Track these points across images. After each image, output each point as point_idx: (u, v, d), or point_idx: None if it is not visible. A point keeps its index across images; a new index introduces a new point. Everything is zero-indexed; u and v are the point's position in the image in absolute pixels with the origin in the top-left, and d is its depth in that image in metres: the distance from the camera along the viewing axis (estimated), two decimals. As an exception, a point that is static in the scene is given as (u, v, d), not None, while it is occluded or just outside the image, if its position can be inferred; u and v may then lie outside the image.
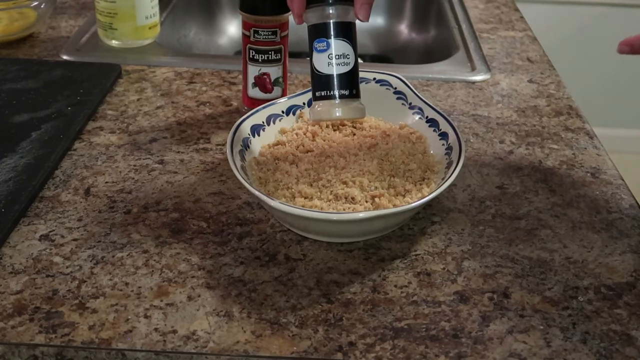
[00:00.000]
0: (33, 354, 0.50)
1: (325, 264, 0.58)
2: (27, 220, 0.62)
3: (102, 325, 0.51)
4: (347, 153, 0.66)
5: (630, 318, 0.54)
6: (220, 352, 0.49)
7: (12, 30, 0.94)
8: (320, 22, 0.61)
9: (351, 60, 0.61)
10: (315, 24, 0.61)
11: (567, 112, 0.84)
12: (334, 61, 0.60)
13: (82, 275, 0.56)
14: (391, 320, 0.53)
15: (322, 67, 0.61)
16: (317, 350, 0.50)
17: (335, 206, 0.60)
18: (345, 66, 0.61)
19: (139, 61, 0.91)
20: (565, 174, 0.72)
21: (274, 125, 0.70)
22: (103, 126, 0.77)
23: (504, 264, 0.59)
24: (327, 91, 0.61)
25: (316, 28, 0.61)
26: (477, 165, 0.73)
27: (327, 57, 0.60)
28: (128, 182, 0.67)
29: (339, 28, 0.60)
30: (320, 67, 0.61)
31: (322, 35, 0.60)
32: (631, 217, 0.66)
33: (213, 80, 0.88)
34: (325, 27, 0.60)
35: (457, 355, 0.50)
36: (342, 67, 0.60)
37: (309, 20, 0.61)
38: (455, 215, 0.65)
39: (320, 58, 0.61)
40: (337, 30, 0.60)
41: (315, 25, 0.61)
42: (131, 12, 0.92)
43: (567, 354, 0.51)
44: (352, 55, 0.61)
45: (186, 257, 0.58)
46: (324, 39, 0.60)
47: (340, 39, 0.60)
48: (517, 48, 1.01)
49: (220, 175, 0.69)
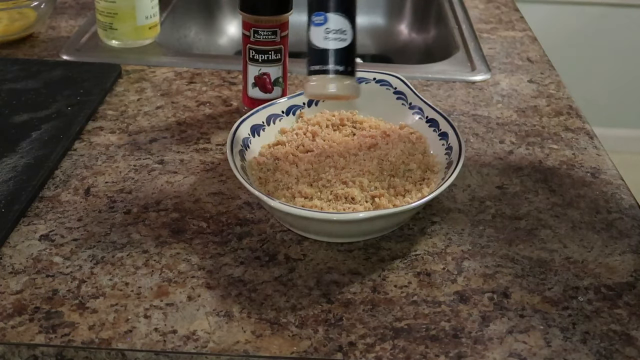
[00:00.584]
0: (33, 354, 0.50)
1: (325, 264, 0.58)
2: (27, 220, 0.62)
3: (102, 325, 0.51)
4: (347, 153, 0.66)
5: (630, 318, 0.54)
6: (220, 352, 0.49)
7: (12, 30, 0.94)
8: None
9: (348, 36, 0.59)
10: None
11: (567, 112, 0.84)
12: (330, 35, 0.59)
13: (82, 275, 0.56)
14: (391, 320, 0.53)
15: (318, 41, 0.59)
16: (317, 350, 0.50)
17: (335, 206, 0.60)
18: (341, 42, 0.59)
19: (139, 61, 0.91)
20: (565, 174, 0.72)
21: (274, 125, 0.70)
22: (103, 126, 0.77)
23: (504, 264, 0.59)
24: (321, 65, 0.59)
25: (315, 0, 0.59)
26: (477, 165, 0.73)
27: (323, 31, 0.59)
28: (128, 182, 0.67)
29: (339, 2, 0.59)
30: (317, 40, 0.59)
31: (320, 9, 0.59)
32: (631, 217, 0.66)
33: (213, 80, 0.88)
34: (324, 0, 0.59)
35: (457, 355, 0.50)
36: (339, 42, 0.59)
37: None
38: (455, 215, 0.65)
39: (316, 31, 0.59)
40: (336, 4, 0.59)
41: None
42: (131, 12, 0.92)
43: (567, 354, 0.51)
44: (350, 32, 0.59)
45: (186, 257, 0.58)
46: (322, 12, 0.59)
47: (338, 14, 0.59)
48: (517, 48, 1.01)
49: (220, 175, 0.69)
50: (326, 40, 0.59)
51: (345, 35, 0.59)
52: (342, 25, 0.59)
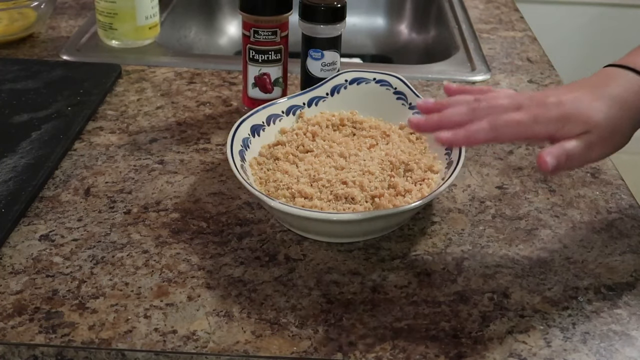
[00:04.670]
0: (33, 354, 0.50)
1: (325, 264, 0.58)
2: (27, 220, 0.62)
3: (102, 325, 0.51)
4: (347, 153, 0.66)
5: (630, 318, 0.54)
6: (220, 352, 0.49)
7: (12, 31, 0.94)
8: (315, 36, 0.75)
9: (338, 66, 0.77)
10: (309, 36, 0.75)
11: (567, 112, 0.84)
12: (325, 67, 0.76)
13: (82, 275, 0.56)
14: (391, 320, 0.53)
15: (316, 72, 0.76)
16: (317, 350, 0.50)
17: (335, 206, 0.60)
18: (332, 71, 0.76)
19: (139, 61, 0.91)
20: (565, 174, 0.72)
21: (274, 125, 0.70)
22: (103, 126, 0.77)
23: (504, 264, 0.59)
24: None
25: (311, 39, 0.75)
26: (477, 165, 0.73)
27: (320, 65, 0.76)
28: (128, 182, 0.67)
29: (332, 44, 0.75)
30: (314, 71, 0.76)
31: (317, 46, 0.75)
32: (631, 217, 0.66)
33: (213, 81, 0.88)
34: (320, 41, 0.75)
35: (457, 355, 0.50)
36: (330, 72, 0.76)
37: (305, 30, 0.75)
38: (455, 215, 0.65)
39: (314, 64, 0.76)
40: (330, 45, 0.75)
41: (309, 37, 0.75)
42: (131, 12, 0.92)
43: (567, 354, 0.51)
44: (339, 62, 0.77)
45: (186, 257, 0.58)
46: (319, 49, 0.75)
47: (332, 50, 0.76)
48: (517, 48, 1.01)
49: (220, 175, 0.69)
50: (322, 71, 0.76)
51: (336, 65, 0.77)
52: (334, 58, 0.77)
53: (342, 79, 0.74)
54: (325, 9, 0.73)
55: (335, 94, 0.74)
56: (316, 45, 0.75)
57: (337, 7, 0.74)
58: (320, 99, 0.73)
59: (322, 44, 0.75)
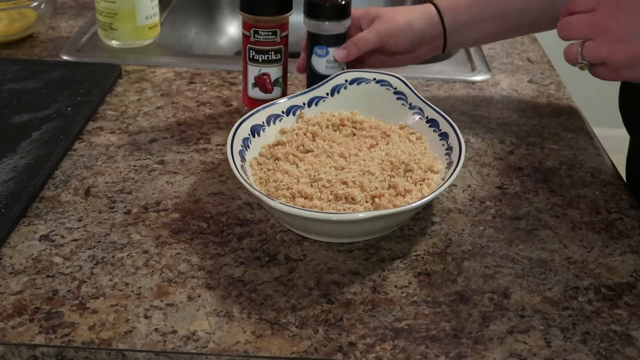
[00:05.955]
0: (33, 354, 0.50)
1: (326, 264, 0.58)
2: (27, 220, 0.62)
3: (102, 325, 0.51)
4: (347, 153, 0.66)
5: (630, 318, 0.54)
6: (221, 353, 0.49)
7: (12, 31, 0.94)
8: (320, 33, 0.76)
9: (342, 63, 0.77)
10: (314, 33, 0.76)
11: (567, 112, 0.84)
12: (330, 65, 0.77)
13: (82, 275, 0.56)
14: (391, 320, 0.53)
15: (320, 69, 0.77)
16: (317, 350, 0.50)
17: (335, 206, 0.60)
18: (336, 69, 0.77)
19: (139, 61, 0.91)
20: (565, 174, 0.72)
21: (274, 125, 0.70)
22: (103, 126, 0.77)
23: (504, 264, 0.59)
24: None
25: (316, 36, 0.76)
26: (477, 165, 0.73)
27: (325, 62, 0.77)
28: (128, 182, 0.67)
29: (337, 41, 0.76)
30: (319, 69, 0.77)
31: (322, 43, 0.76)
32: (631, 217, 0.66)
33: (213, 81, 0.88)
34: (325, 38, 0.76)
35: (457, 356, 0.50)
36: (335, 69, 0.77)
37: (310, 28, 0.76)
38: (455, 215, 0.65)
39: (319, 61, 0.77)
40: (334, 42, 0.76)
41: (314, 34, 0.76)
42: (131, 12, 0.92)
43: (567, 354, 0.51)
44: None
45: (186, 258, 0.58)
46: (324, 46, 0.76)
47: (336, 47, 0.76)
48: (517, 48, 1.01)
49: (220, 176, 0.69)
50: (327, 69, 0.77)
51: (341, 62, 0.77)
52: None
53: (342, 79, 0.74)
54: (330, 6, 0.74)
55: (335, 94, 0.74)
56: (321, 42, 0.76)
57: (342, 4, 0.75)
58: (321, 99, 0.73)
59: (327, 41, 0.76)
